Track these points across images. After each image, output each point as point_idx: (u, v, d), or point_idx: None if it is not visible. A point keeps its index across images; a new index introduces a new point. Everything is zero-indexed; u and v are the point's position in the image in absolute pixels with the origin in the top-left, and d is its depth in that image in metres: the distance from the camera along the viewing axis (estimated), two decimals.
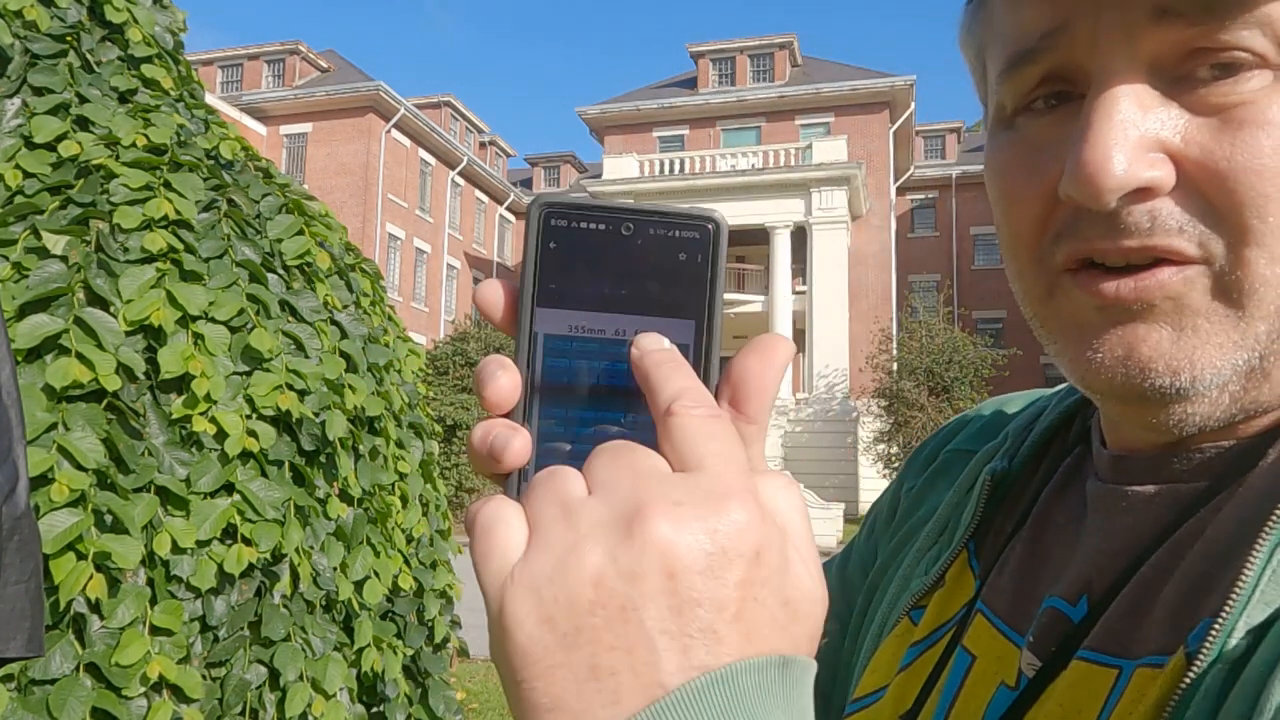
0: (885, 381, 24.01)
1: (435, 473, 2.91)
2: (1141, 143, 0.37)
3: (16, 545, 1.08)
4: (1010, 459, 0.55)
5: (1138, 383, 0.39)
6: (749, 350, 0.33)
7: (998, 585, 0.50)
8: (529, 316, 0.32)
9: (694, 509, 0.28)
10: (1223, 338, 0.38)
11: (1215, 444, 0.42)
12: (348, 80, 32.84)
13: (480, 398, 0.32)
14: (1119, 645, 0.41)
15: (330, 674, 2.05)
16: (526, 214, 0.33)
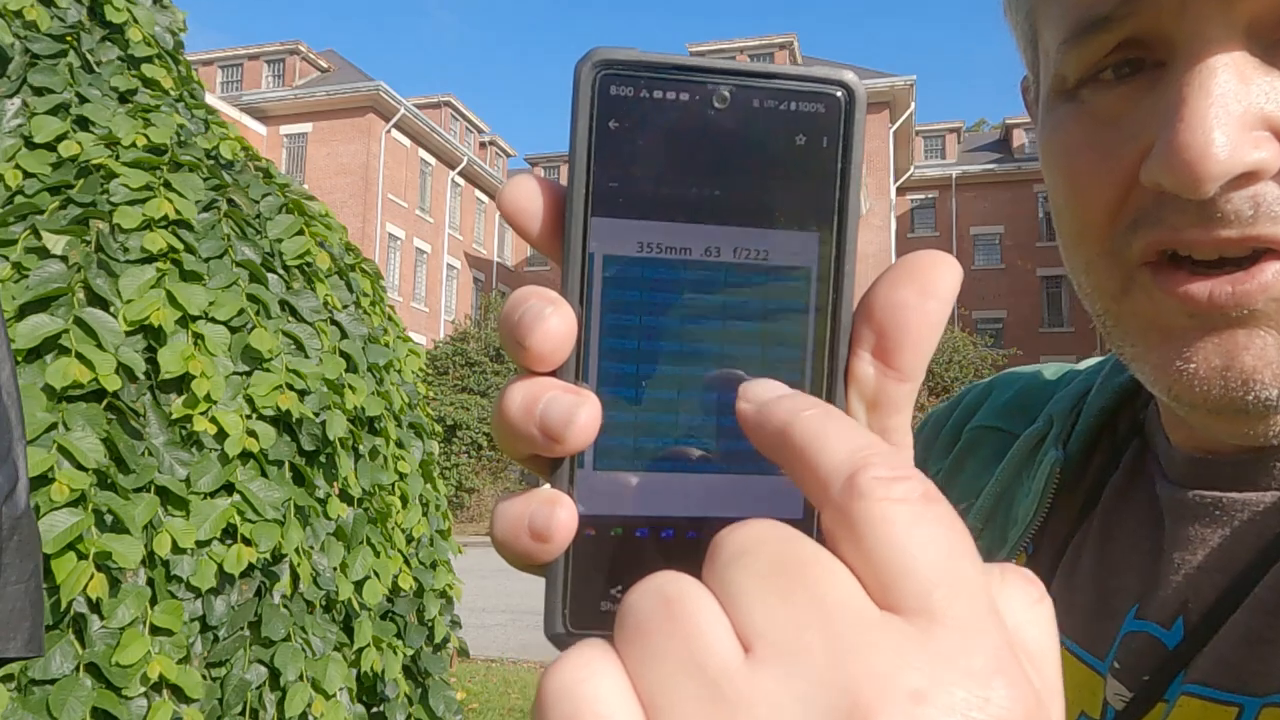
0: None
1: (435, 473, 2.91)
2: (1246, 120, 0.32)
3: (16, 545, 1.08)
4: (1063, 445, 0.49)
5: (1238, 395, 0.34)
6: (900, 276, 0.24)
7: (1068, 601, 0.44)
8: (581, 230, 0.22)
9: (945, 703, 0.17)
10: None
11: None
12: (348, 80, 32.84)
13: (520, 349, 0.22)
14: (1236, 680, 0.35)
15: (330, 674, 2.05)
16: (575, 79, 0.23)
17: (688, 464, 0.23)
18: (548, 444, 0.22)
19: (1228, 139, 0.31)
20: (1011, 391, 0.57)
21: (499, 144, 41.87)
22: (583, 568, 0.23)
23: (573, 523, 0.22)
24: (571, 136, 0.22)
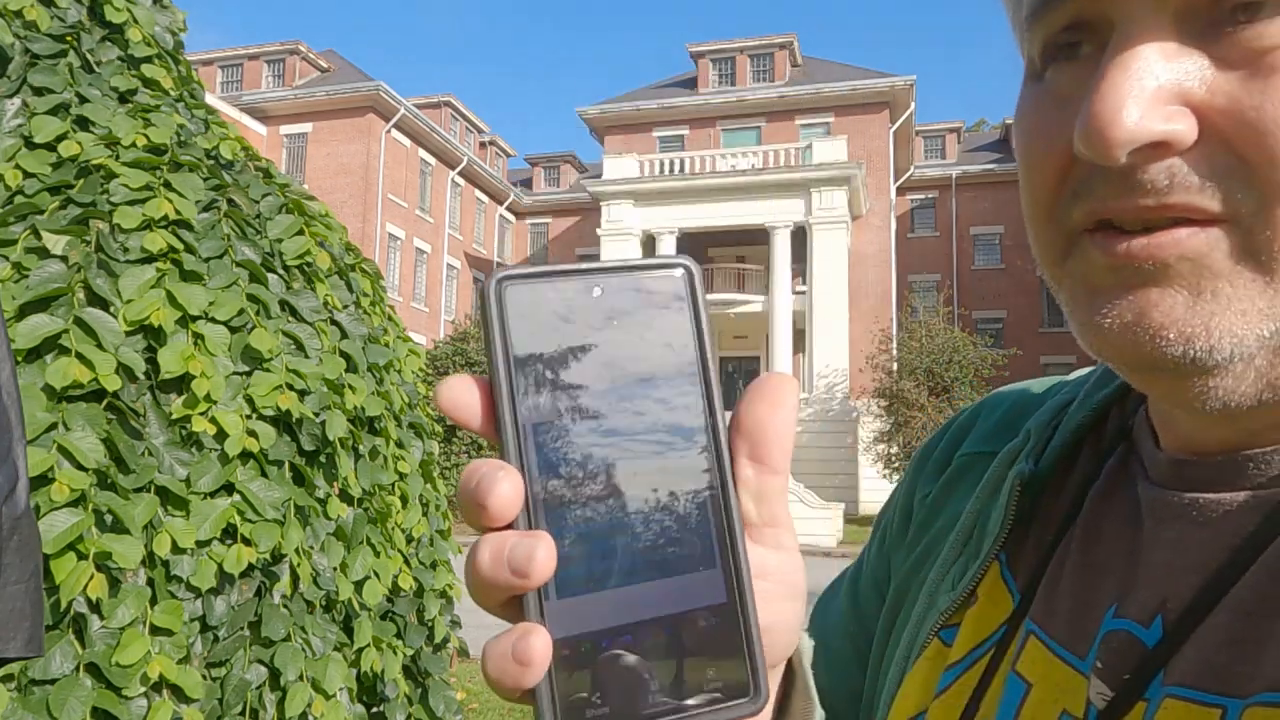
0: (885, 381, 24.00)
1: (435, 473, 2.91)
2: (1160, 94, 0.34)
3: (16, 545, 1.08)
4: (1036, 460, 0.50)
5: (1148, 350, 0.36)
6: (755, 397, 0.30)
7: (1051, 605, 0.45)
8: (511, 408, 0.28)
9: None
10: (1247, 304, 0.35)
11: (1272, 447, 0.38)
12: (348, 80, 32.84)
13: (480, 510, 0.26)
14: (1219, 682, 0.36)
15: (330, 674, 2.05)
16: (483, 296, 0.28)
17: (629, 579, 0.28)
18: (517, 582, 0.26)
19: (1138, 109, 0.33)
20: (999, 412, 0.58)
21: (499, 144, 41.85)
22: (564, 682, 0.27)
23: (548, 647, 0.26)
24: (487, 338, 0.28)
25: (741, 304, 29.11)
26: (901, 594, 0.56)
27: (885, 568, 0.60)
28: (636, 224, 28.66)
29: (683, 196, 28.22)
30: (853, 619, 0.61)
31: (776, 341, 27.03)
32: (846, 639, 0.62)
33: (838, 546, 20.56)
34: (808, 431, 26.28)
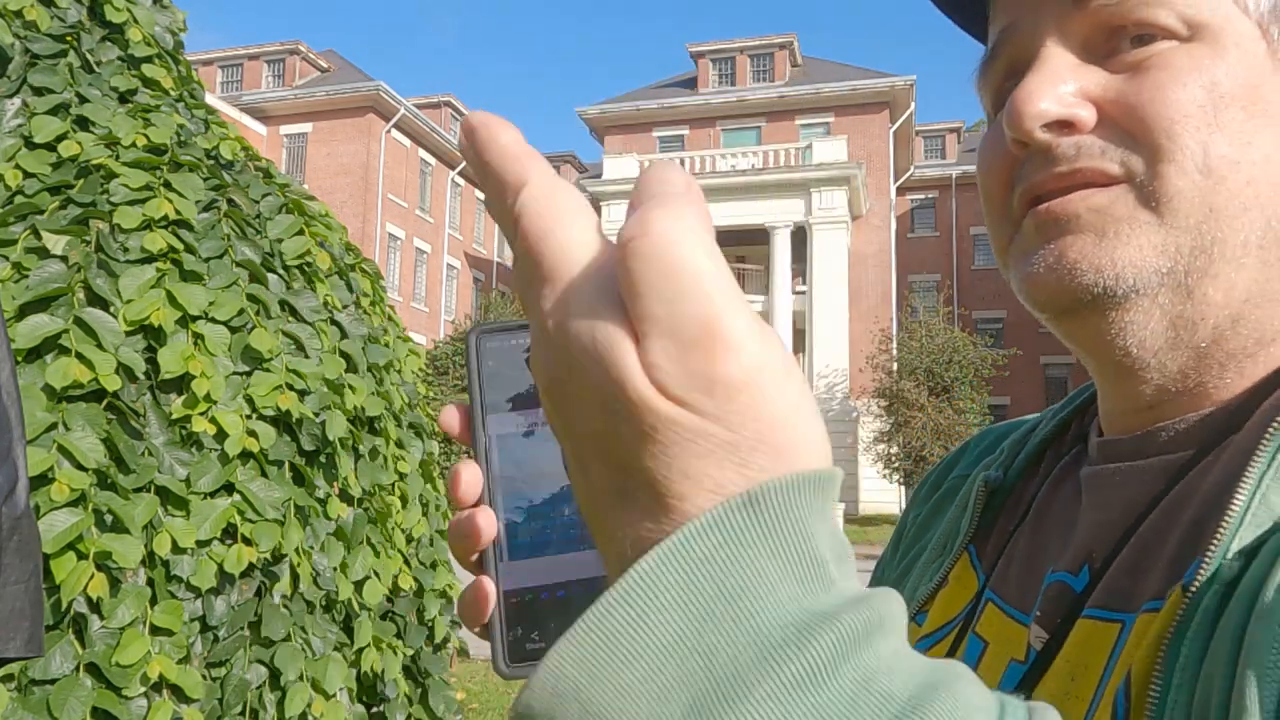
0: (885, 381, 24.00)
1: (435, 473, 2.91)
2: (1066, 89, 0.44)
3: (16, 545, 1.08)
4: (1005, 469, 0.59)
5: (1067, 283, 0.45)
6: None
7: (1005, 575, 0.53)
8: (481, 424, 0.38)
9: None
10: (1143, 240, 0.43)
11: (1196, 412, 0.46)
12: (348, 80, 32.84)
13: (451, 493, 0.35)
14: (1121, 601, 0.43)
15: (330, 674, 2.05)
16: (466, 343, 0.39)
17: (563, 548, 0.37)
18: (468, 542, 0.35)
19: (1047, 95, 0.44)
20: (987, 440, 0.67)
21: None
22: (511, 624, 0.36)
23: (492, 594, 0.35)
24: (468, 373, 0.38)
25: None
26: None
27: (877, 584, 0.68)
28: None
29: None
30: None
31: None
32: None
33: None
34: None
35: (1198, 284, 0.44)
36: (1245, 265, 0.43)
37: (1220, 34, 0.43)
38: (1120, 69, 0.44)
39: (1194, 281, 0.43)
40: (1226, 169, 0.42)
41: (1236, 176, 0.42)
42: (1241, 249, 0.43)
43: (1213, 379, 0.45)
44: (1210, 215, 0.43)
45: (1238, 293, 0.44)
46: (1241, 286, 0.44)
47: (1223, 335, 0.45)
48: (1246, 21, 0.44)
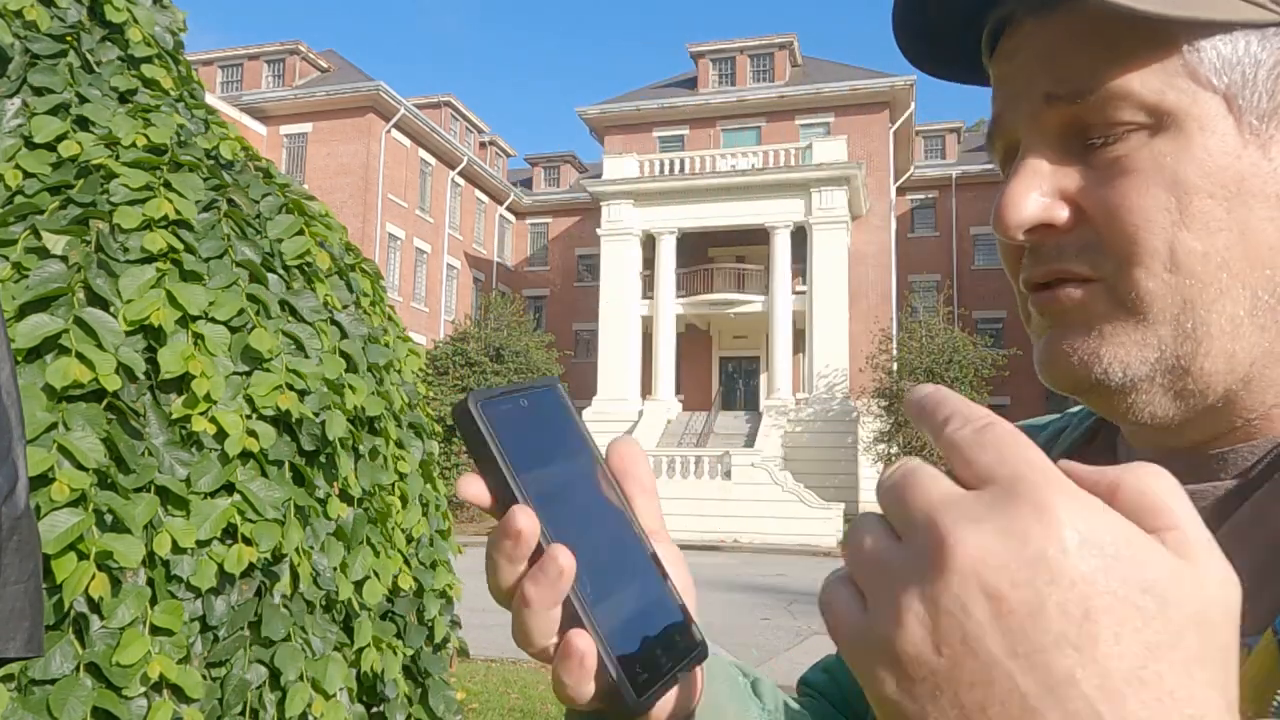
0: (885, 381, 24.00)
1: (435, 473, 2.91)
2: (1045, 192, 0.47)
3: (16, 545, 1.08)
4: None
5: (1066, 374, 0.48)
6: (618, 453, 0.44)
7: None
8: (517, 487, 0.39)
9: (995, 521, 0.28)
10: (1124, 337, 0.46)
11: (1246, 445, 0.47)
12: (348, 80, 32.83)
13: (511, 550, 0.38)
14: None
15: (330, 674, 2.05)
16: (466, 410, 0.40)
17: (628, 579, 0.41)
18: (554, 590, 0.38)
19: (1024, 203, 0.47)
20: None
21: (499, 144, 41.84)
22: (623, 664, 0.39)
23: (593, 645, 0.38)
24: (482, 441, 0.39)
25: (741, 304, 29.10)
26: None
27: None
28: (636, 224, 28.66)
29: (683, 196, 28.21)
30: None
31: (776, 341, 27.02)
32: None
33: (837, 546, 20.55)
34: (808, 431, 26.28)
35: (1192, 363, 0.45)
36: (1241, 336, 0.45)
37: (1185, 120, 0.44)
38: (1097, 164, 0.46)
39: (1187, 362, 0.45)
40: (1195, 262, 0.44)
41: (1206, 266, 0.44)
42: (1230, 324, 0.45)
43: (1245, 418, 0.47)
44: (1185, 306, 0.45)
45: (1240, 360, 0.45)
46: (1243, 355, 0.45)
47: (1237, 396, 0.46)
48: (1212, 98, 0.44)
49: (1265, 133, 0.44)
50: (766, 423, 26.24)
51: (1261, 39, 0.44)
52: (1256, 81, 0.44)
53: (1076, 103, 0.46)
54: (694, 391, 31.72)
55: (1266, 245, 0.44)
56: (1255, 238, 0.44)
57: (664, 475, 22.82)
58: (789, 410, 26.54)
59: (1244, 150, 0.44)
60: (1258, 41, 0.44)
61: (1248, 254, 0.44)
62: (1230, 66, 0.44)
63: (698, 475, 22.64)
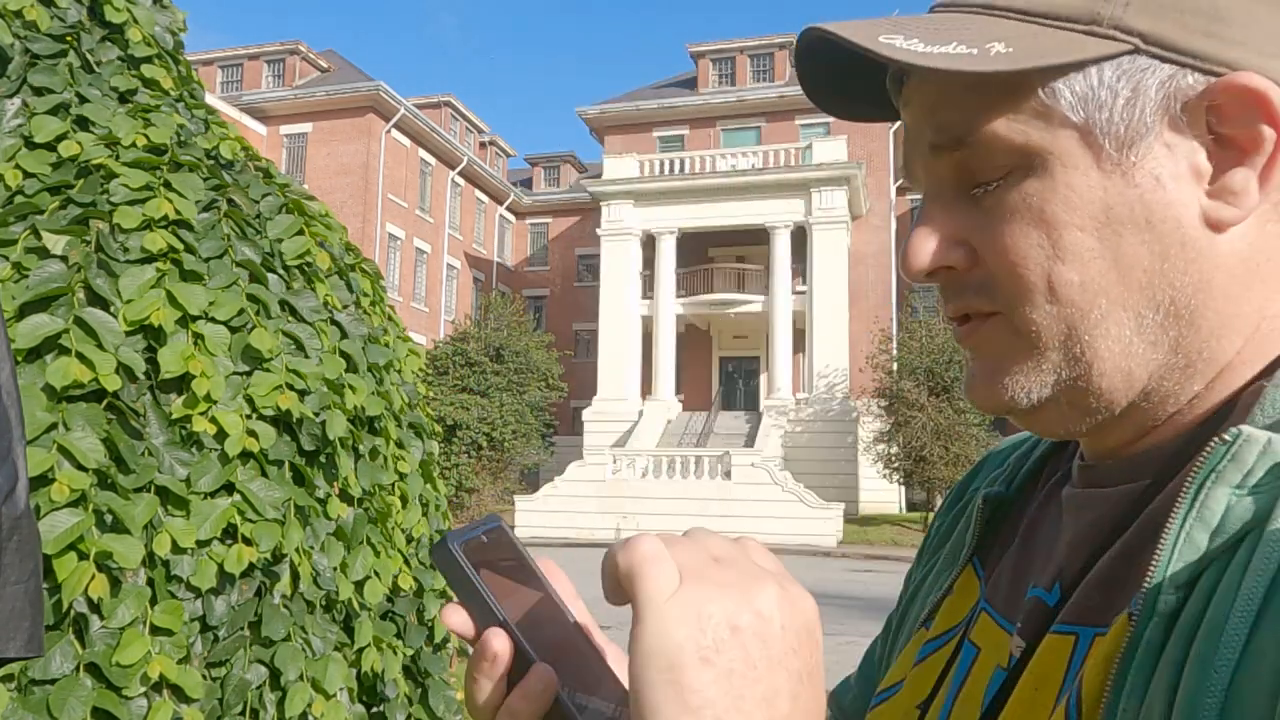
0: (885, 381, 23.99)
1: (435, 473, 2.91)
2: (942, 237, 0.51)
3: (16, 545, 1.08)
4: (1009, 484, 0.64)
5: (983, 401, 0.52)
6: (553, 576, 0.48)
7: (997, 585, 0.59)
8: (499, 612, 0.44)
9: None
10: (1023, 366, 0.49)
11: (1156, 446, 0.51)
12: (348, 80, 32.83)
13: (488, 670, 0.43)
14: (1079, 617, 0.48)
15: (330, 674, 2.05)
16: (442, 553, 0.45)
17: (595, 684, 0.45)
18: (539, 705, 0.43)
19: (924, 250, 0.51)
20: (1004, 450, 0.72)
21: (499, 144, 41.84)
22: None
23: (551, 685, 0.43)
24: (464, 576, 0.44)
25: (741, 304, 29.09)
26: (907, 606, 0.71)
27: (906, 589, 0.75)
28: (636, 224, 28.65)
29: (683, 196, 28.21)
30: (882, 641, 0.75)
31: (776, 341, 27.02)
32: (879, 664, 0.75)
33: (838, 546, 20.55)
34: (808, 431, 26.28)
35: (1090, 382, 0.48)
36: (1134, 354, 0.47)
37: (1047, 159, 0.46)
38: (985, 207, 0.49)
39: (1085, 383, 0.48)
40: (1073, 292, 0.47)
41: (1084, 295, 0.47)
42: (1118, 345, 0.47)
43: (1162, 419, 0.50)
44: (1070, 333, 0.48)
45: (1138, 375, 0.48)
46: (1140, 371, 0.48)
47: (1138, 407, 0.49)
48: (1070, 135, 0.46)
49: (1126, 160, 0.45)
50: (766, 423, 26.24)
51: (1116, 69, 0.45)
52: (1114, 112, 0.45)
53: (957, 151, 0.49)
54: (694, 391, 31.72)
55: (1141, 268, 0.46)
56: (1129, 262, 0.46)
57: (664, 475, 22.82)
58: (789, 410, 26.54)
59: (1107, 181, 0.46)
60: (1112, 73, 0.45)
61: (1123, 278, 0.46)
62: (1085, 102, 0.45)
63: (698, 475, 22.64)
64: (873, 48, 0.45)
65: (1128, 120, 0.45)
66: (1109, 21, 0.45)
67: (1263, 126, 0.45)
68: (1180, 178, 0.46)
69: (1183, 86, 0.45)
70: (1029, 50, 0.45)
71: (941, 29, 0.47)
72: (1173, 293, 0.46)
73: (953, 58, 0.45)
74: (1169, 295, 0.46)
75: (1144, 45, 0.45)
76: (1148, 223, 0.46)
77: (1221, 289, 0.47)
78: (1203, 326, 0.47)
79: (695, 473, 22.70)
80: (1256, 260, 0.47)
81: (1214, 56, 0.45)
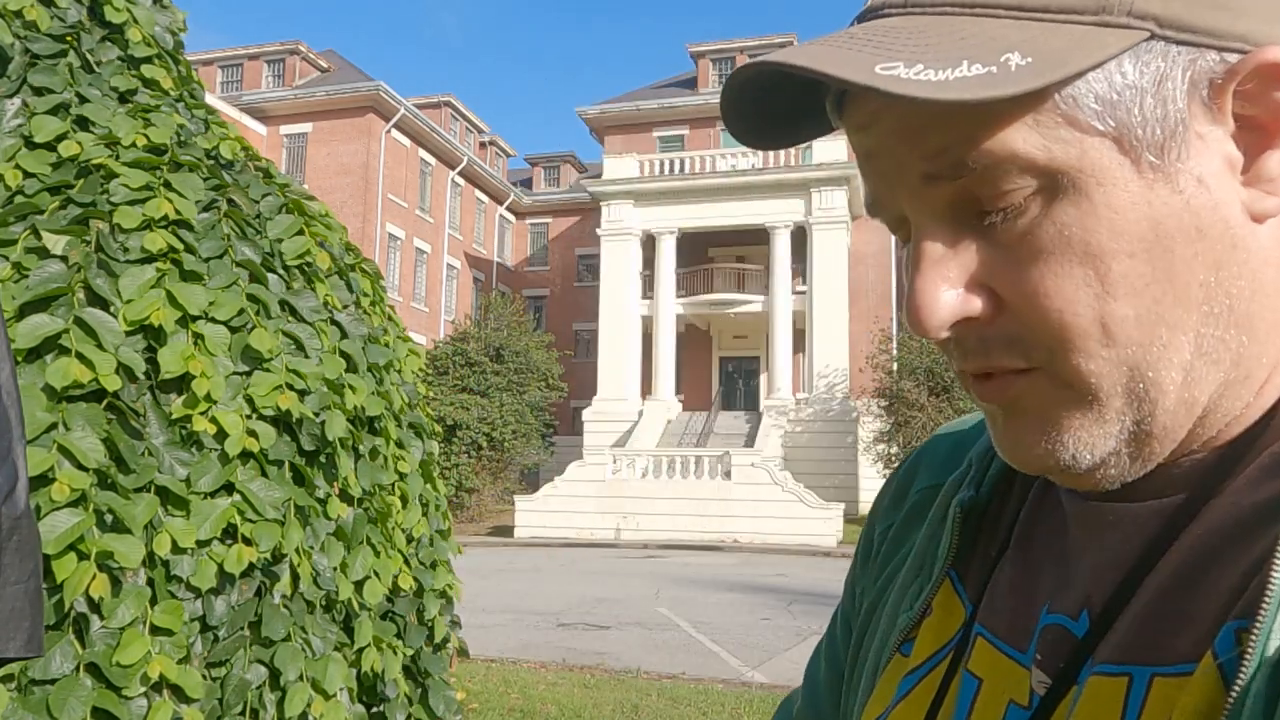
0: (885, 381, 23.99)
1: (435, 473, 2.91)
2: (954, 282, 0.43)
3: (16, 545, 1.08)
4: (977, 486, 0.58)
5: (1034, 465, 0.45)
6: None
7: (994, 607, 0.52)
8: None
9: None
10: (1081, 419, 0.43)
11: (1189, 458, 0.45)
12: (348, 80, 32.82)
13: None
14: (1129, 655, 0.43)
15: (330, 674, 2.05)
16: None
17: None
18: None
19: (940, 300, 0.43)
20: (944, 447, 0.65)
21: (499, 144, 41.83)
22: None
23: None
24: None
25: (741, 304, 29.09)
26: (865, 623, 0.63)
27: (852, 603, 0.67)
28: (636, 224, 28.65)
29: (683, 196, 28.20)
30: (830, 661, 0.69)
31: (776, 341, 27.02)
32: (827, 686, 0.69)
33: (838, 546, 20.55)
34: (808, 431, 26.27)
35: (1154, 424, 0.43)
36: (1196, 380, 0.42)
37: (1079, 177, 0.40)
38: (1001, 241, 0.42)
39: (1149, 425, 0.43)
40: (1130, 328, 0.41)
41: (1141, 328, 0.41)
42: (1181, 373, 0.42)
43: (1200, 432, 0.45)
44: (1132, 372, 0.42)
45: (1200, 401, 0.43)
46: (1202, 396, 0.43)
47: (1193, 432, 0.44)
48: (1101, 143, 0.40)
49: (1169, 164, 0.40)
50: (766, 423, 26.24)
51: (1136, 61, 0.40)
52: (1144, 112, 0.40)
53: (960, 179, 0.41)
54: (694, 391, 31.72)
55: (1197, 283, 0.41)
56: (1185, 279, 0.41)
57: (664, 475, 22.82)
58: (789, 410, 26.54)
59: (1150, 193, 0.40)
60: (1132, 66, 0.39)
61: (1180, 299, 0.41)
62: (1112, 106, 0.39)
63: (698, 475, 22.63)
64: (879, 85, 0.38)
65: (1160, 117, 0.40)
66: (1120, 8, 0.39)
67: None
68: (1219, 173, 0.41)
69: (1203, 69, 0.40)
70: (1049, 57, 0.38)
71: (936, 45, 0.40)
72: (1229, 301, 0.41)
73: (974, 83, 0.38)
74: (1226, 305, 0.41)
75: (1159, 30, 0.39)
76: (1199, 231, 0.40)
77: (1274, 285, 0.42)
78: (1259, 330, 0.42)
79: (695, 473, 22.70)
80: None
81: (1227, 31, 0.40)
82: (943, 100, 0.37)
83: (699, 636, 9.16)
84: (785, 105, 0.47)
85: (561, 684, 6.32)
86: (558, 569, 15.28)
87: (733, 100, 0.46)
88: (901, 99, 0.38)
